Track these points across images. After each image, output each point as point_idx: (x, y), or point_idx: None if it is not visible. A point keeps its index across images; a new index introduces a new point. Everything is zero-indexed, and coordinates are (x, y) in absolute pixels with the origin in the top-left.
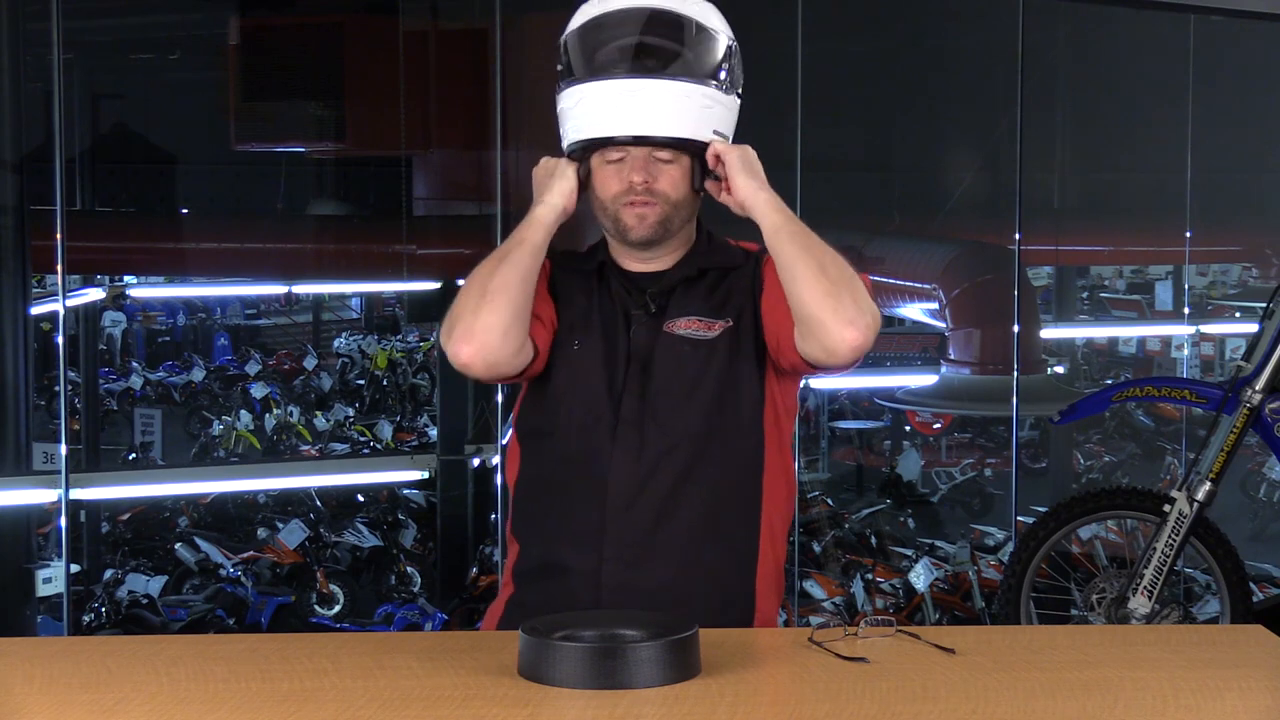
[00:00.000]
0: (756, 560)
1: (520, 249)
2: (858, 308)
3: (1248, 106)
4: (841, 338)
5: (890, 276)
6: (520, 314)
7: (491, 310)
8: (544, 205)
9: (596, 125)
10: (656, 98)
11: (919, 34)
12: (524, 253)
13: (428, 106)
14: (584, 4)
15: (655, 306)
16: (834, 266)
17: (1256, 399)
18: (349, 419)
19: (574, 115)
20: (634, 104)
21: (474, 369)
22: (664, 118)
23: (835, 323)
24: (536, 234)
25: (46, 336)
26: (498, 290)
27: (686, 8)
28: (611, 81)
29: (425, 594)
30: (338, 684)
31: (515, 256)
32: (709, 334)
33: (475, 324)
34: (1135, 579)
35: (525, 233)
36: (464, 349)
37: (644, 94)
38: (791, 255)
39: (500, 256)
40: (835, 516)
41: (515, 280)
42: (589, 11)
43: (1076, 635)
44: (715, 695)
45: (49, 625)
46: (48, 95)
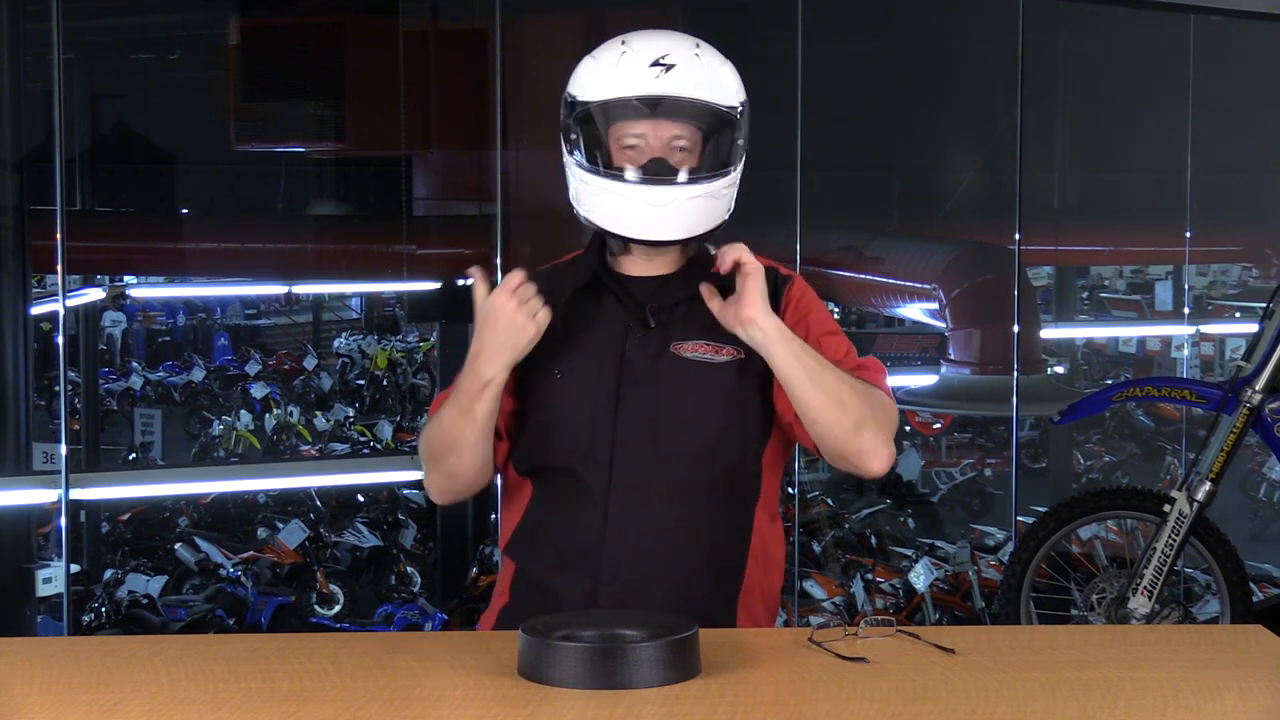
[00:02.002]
0: (740, 588)
1: (469, 428)
2: (879, 437)
3: (1248, 106)
4: (868, 468)
5: (890, 276)
6: (484, 466)
7: (454, 480)
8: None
9: (615, 223)
10: (678, 206)
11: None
12: (472, 431)
13: (428, 106)
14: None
15: (655, 322)
16: (851, 395)
17: (1256, 399)
18: (349, 419)
19: (589, 200)
20: (656, 213)
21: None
22: (685, 221)
23: (861, 458)
24: (481, 406)
25: (46, 336)
26: (455, 465)
27: (707, 89)
28: (634, 187)
29: (425, 594)
30: (338, 684)
31: (465, 436)
32: (716, 358)
33: (443, 484)
34: (1135, 579)
35: (472, 406)
36: (436, 498)
37: (666, 205)
38: (811, 400)
39: (451, 432)
40: (835, 516)
41: (469, 454)
42: (605, 87)
43: (1076, 635)
44: (715, 695)
45: (49, 625)
46: (48, 95)
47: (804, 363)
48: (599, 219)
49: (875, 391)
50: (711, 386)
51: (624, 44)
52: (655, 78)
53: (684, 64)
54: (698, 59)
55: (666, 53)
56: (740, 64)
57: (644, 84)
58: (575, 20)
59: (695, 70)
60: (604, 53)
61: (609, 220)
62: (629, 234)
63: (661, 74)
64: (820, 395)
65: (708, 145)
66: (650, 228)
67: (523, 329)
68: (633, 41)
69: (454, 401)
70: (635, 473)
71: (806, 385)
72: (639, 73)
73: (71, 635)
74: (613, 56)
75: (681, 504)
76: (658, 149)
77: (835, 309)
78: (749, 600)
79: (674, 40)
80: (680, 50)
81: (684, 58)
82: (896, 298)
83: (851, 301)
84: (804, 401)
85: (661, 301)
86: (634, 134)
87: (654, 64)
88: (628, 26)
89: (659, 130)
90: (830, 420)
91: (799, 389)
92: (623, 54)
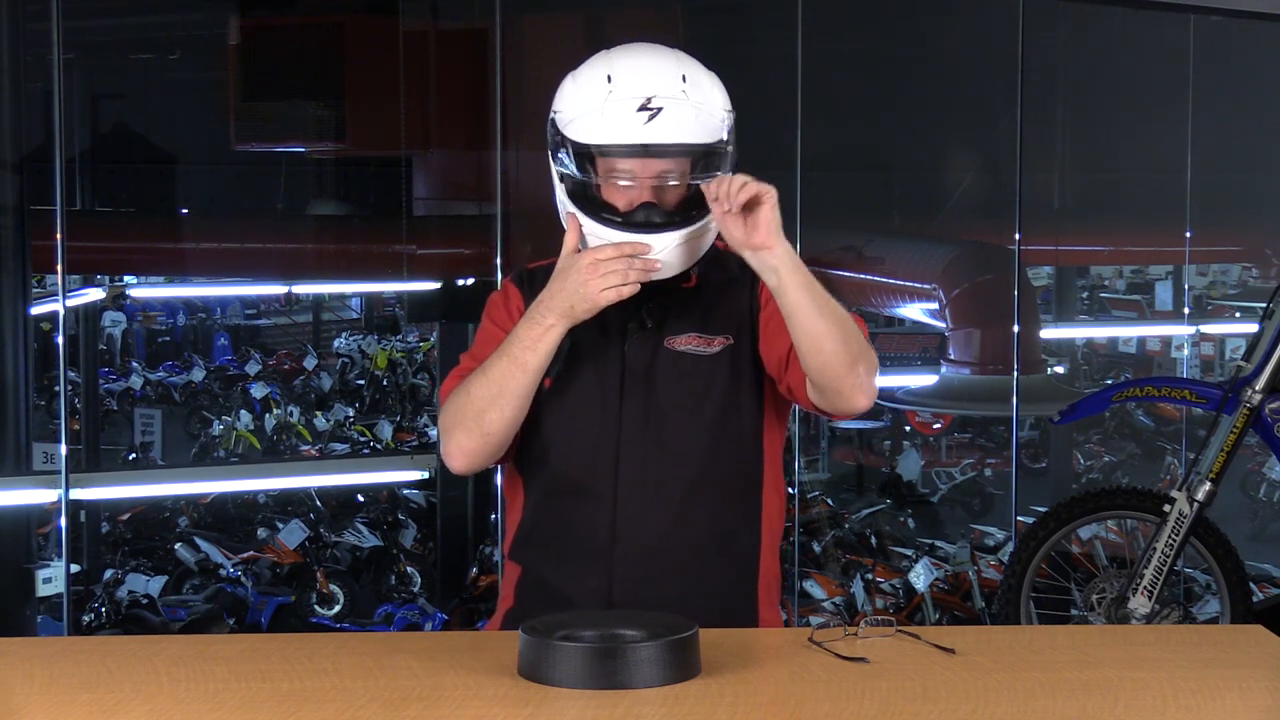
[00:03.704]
0: (758, 573)
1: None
2: (869, 375)
3: (1248, 106)
4: (856, 404)
5: (890, 276)
6: (512, 432)
7: (487, 440)
8: (558, 321)
9: None
10: (674, 250)
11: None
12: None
13: (428, 106)
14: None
15: (651, 321)
16: (850, 331)
17: (1256, 399)
18: (349, 419)
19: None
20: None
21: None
22: (675, 261)
23: (853, 393)
24: (536, 358)
25: (46, 336)
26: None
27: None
28: (621, 233)
29: (425, 594)
30: (338, 684)
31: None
32: (709, 349)
33: (473, 445)
34: (1135, 579)
35: (525, 355)
36: (457, 464)
37: (659, 247)
38: (819, 328)
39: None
40: (835, 516)
41: (513, 409)
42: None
43: (1076, 635)
44: (715, 695)
45: (49, 625)
46: (48, 95)
47: (814, 292)
48: None
49: (864, 338)
50: (707, 377)
51: (609, 77)
52: (643, 124)
53: (671, 105)
54: (684, 96)
55: (653, 95)
56: (740, 64)
57: (631, 131)
58: (575, 20)
59: (683, 110)
60: (590, 83)
61: None
62: None
63: (649, 120)
64: (826, 325)
65: (695, 169)
66: None
67: (586, 295)
68: (618, 75)
69: (503, 352)
70: (642, 469)
71: (814, 314)
72: (626, 118)
73: (71, 635)
74: (599, 93)
75: (690, 496)
76: (646, 185)
77: None
78: (768, 584)
79: (660, 75)
80: (667, 86)
81: (671, 97)
82: (896, 298)
83: (851, 301)
84: (810, 330)
85: (654, 300)
86: (623, 170)
87: (641, 109)
88: (628, 26)
89: (648, 168)
90: (832, 350)
91: (806, 317)
92: (609, 93)
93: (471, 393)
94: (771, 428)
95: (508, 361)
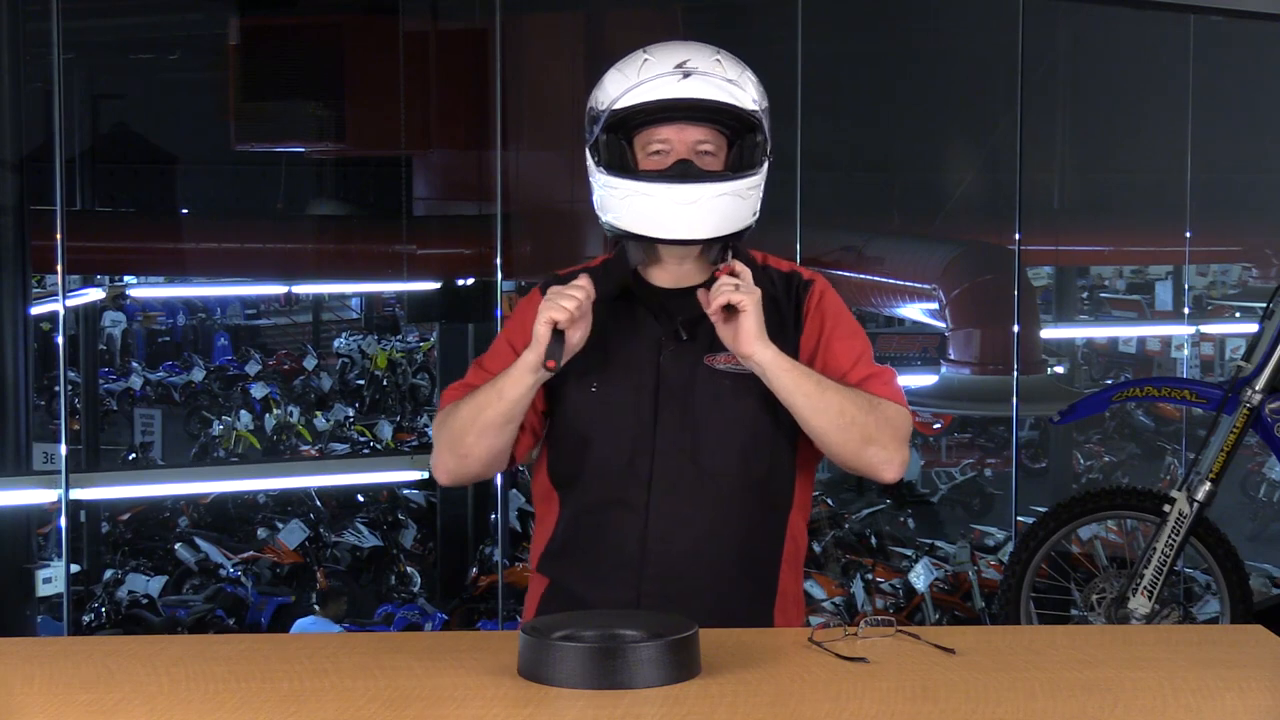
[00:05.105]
0: (776, 592)
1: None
2: (889, 449)
3: (1248, 106)
4: (879, 477)
5: (890, 276)
6: (498, 456)
7: (464, 461)
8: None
9: (642, 224)
10: (704, 204)
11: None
12: (500, 410)
13: (428, 106)
14: (617, 72)
15: (687, 334)
16: (857, 412)
17: (1256, 399)
18: (349, 419)
19: (615, 206)
20: (683, 212)
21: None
22: (712, 220)
23: (871, 471)
24: (515, 390)
25: (46, 336)
26: (472, 446)
27: (729, 91)
28: (660, 186)
29: (425, 594)
30: (338, 684)
31: (489, 415)
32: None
33: (452, 465)
34: (1135, 579)
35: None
36: (441, 478)
37: (693, 203)
38: (816, 424)
39: (478, 408)
40: (835, 516)
41: (490, 437)
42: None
43: (1076, 635)
44: (715, 695)
45: (49, 625)
46: (48, 95)
47: (803, 388)
48: (626, 223)
49: (883, 404)
50: (745, 398)
51: (646, 53)
52: (678, 81)
53: (705, 68)
54: (719, 64)
55: (687, 58)
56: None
57: (667, 89)
58: (575, 20)
59: (716, 74)
60: (626, 63)
61: (636, 223)
62: (657, 234)
63: (683, 78)
64: (823, 418)
65: (732, 149)
66: (678, 227)
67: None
68: (654, 51)
69: (492, 382)
70: (675, 485)
71: (808, 411)
72: (661, 78)
73: (71, 635)
74: (634, 65)
75: (720, 514)
76: (683, 153)
77: None
78: (784, 605)
79: (694, 48)
80: (701, 57)
81: (705, 63)
82: (896, 298)
83: (851, 301)
84: (808, 424)
85: (692, 314)
86: (659, 140)
87: (676, 68)
88: (628, 26)
89: (684, 135)
90: (836, 441)
91: (802, 414)
92: (645, 62)
93: (458, 413)
94: (805, 450)
95: (491, 390)
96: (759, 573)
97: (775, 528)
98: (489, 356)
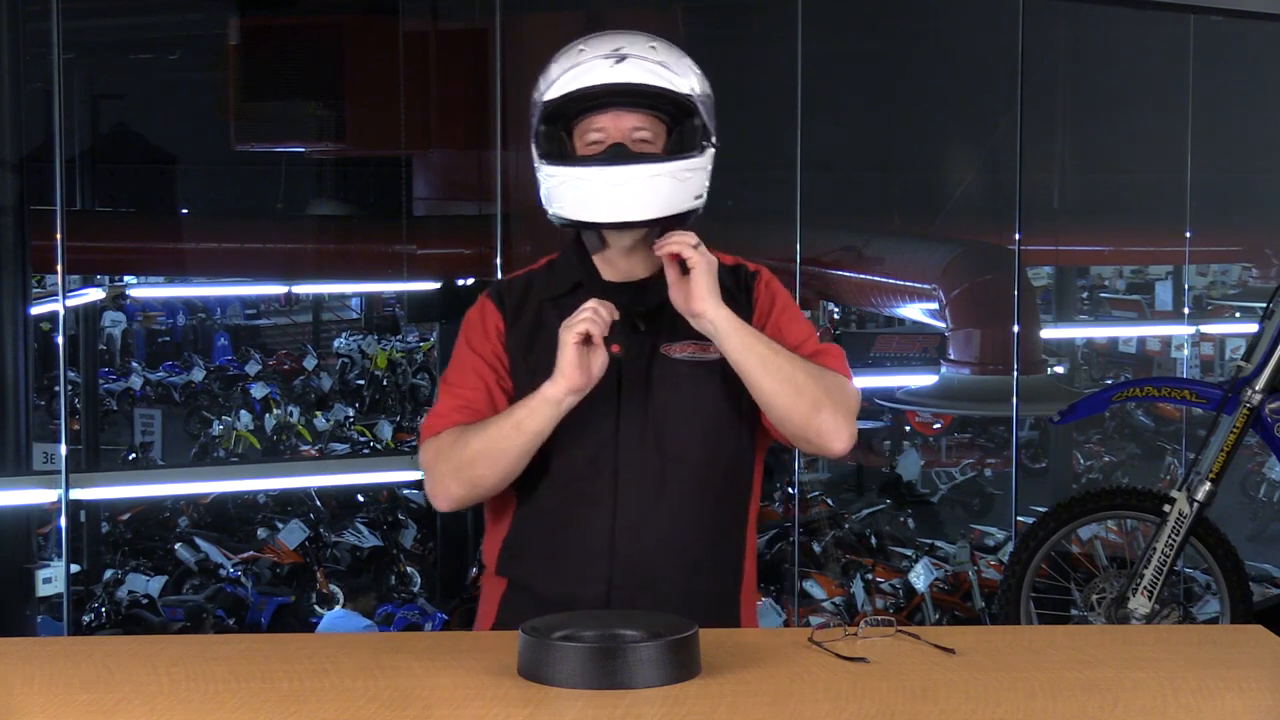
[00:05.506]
0: (742, 578)
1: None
2: (837, 418)
3: (1248, 106)
4: (828, 449)
5: (890, 276)
6: (508, 480)
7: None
8: (553, 387)
9: (580, 210)
10: (638, 185)
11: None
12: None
13: (428, 106)
14: (554, 64)
15: (643, 325)
16: (806, 379)
17: (1256, 399)
18: (349, 419)
19: (556, 194)
20: (617, 194)
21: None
22: (648, 202)
23: (820, 439)
24: (537, 421)
25: (46, 336)
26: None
27: (663, 76)
28: (593, 169)
29: (425, 594)
30: (338, 684)
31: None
32: (705, 356)
33: (460, 493)
34: (1135, 579)
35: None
36: (441, 506)
37: (626, 184)
38: (766, 386)
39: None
40: (835, 516)
41: (505, 466)
42: (564, 83)
43: (1076, 635)
44: (715, 695)
45: (49, 625)
46: (48, 95)
47: (755, 350)
48: (566, 210)
49: (831, 374)
50: (704, 385)
51: (582, 43)
52: (611, 66)
53: (638, 54)
54: (653, 49)
55: (621, 45)
56: (740, 64)
57: (600, 74)
58: (575, 20)
59: (649, 59)
60: (563, 53)
61: (575, 209)
62: (594, 219)
63: (616, 64)
64: (774, 380)
65: (671, 135)
66: (613, 209)
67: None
68: (590, 40)
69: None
70: (641, 476)
71: (759, 371)
72: (595, 64)
73: (71, 635)
74: (571, 54)
75: (687, 503)
76: (619, 138)
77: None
78: (747, 592)
79: (629, 36)
80: (636, 44)
81: (639, 49)
82: (896, 298)
83: (851, 301)
84: (759, 387)
85: (646, 305)
86: (595, 128)
87: (609, 54)
88: (628, 26)
89: (619, 122)
90: (786, 404)
91: (753, 375)
92: (580, 50)
93: (467, 445)
94: (761, 435)
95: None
96: (727, 559)
97: (739, 513)
98: (455, 375)
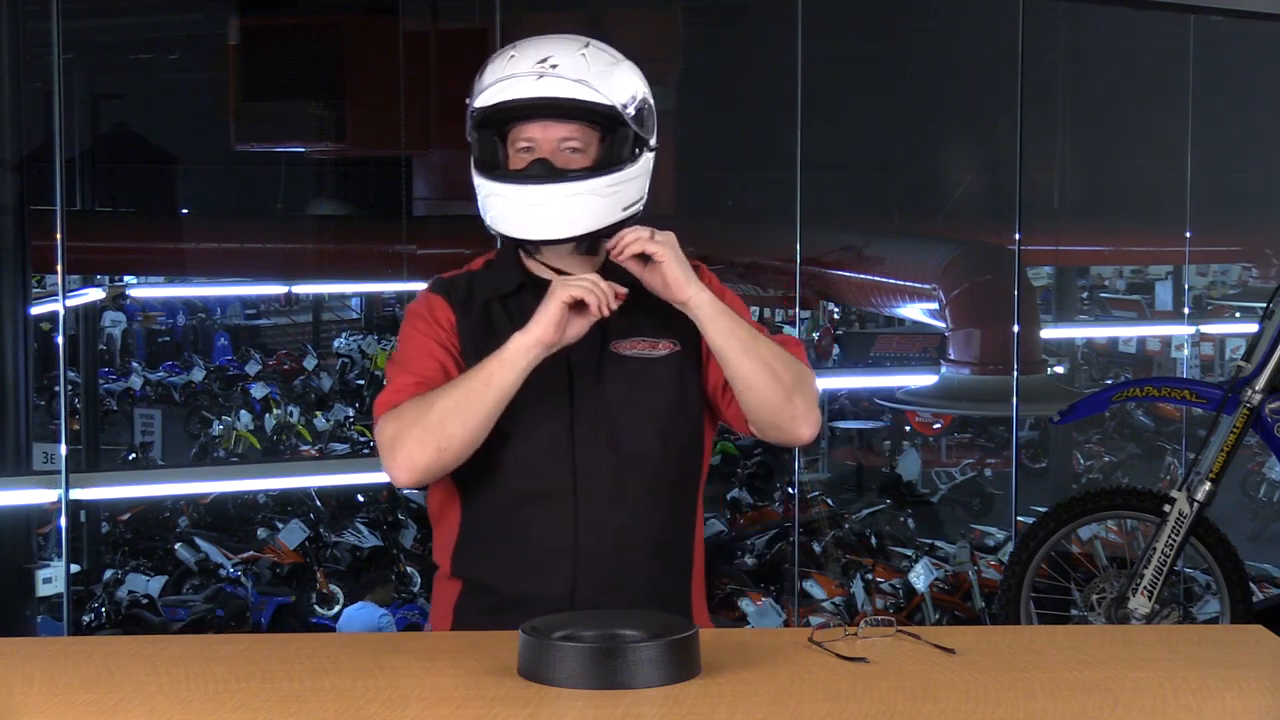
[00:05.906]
0: (692, 572)
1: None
2: (808, 404)
3: (1248, 106)
4: (798, 436)
5: (890, 276)
6: (473, 447)
7: (442, 455)
8: (524, 336)
9: (507, 224)
10: (560, 204)
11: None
12: (490, 396)
13: (428, 106)
14: (487, 70)
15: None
16: (781, 365)
17: (1256, 399)
18: (349, 419)
19: (486, 205)
20: (538, 213)
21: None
22: (569, 220)
23: (792, 425)
24: (510, 374)
25: (46, 336)
26: (454, 437)
27: (587, 89)
28: (513, 187)
29: (425, 594)
30: (338, 684)
31: (477, 402)
32: (654, 353)
33: (425, 460)
34: (1135, 579)
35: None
36: (403, 478)
37: (546, 204)
38: (746, 369)
39: (463, 397)
40: (835, 516)
41: (474, 425)
42: (491, 93)
43: (1076, 635)
44: (715, 695)
45: (49, 625)
46: (48, 95)
47: (738, 334)
48: (496, 224)
49: (799, 363)
50: (656, 381)
51: (513, 49)
52: (537, 78)
53: (567, 64)
54: (583, 59)
55: (549, 55)
56: (740, 64)
57: (523, 88)
58: (575, 20)
59: (578, 70)
60: (495, 59)
61: (502, 223)
62: (519, 235)
63: (538, 79)
64: (755, 365)
65: (603, 144)
66: (532, 227)
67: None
68: (521, 47)
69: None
70: (599, 473)
71: (741, 356)
72: (518, 78)
73: (71, 635)
74: (501, 62)
75: (645, 499)
76: (548, 151)
77: (835, 309)
78: (698, 582)
79: (561, 43)
80: (565, 51)
81: (568, 59)
82: (896, 298)
83: (851, 301)
84: (740, 371)
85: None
86: (525, 137)
87: (535, 65)
88: (628, 26)
89: (548, 133)
90: (764, 388)
91: (735, 359)
92: (510, 58)
93: (434, 406)
94: (709, 432)
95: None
96: (681, 550)
97: (690, 505)
98: (407, 355)
